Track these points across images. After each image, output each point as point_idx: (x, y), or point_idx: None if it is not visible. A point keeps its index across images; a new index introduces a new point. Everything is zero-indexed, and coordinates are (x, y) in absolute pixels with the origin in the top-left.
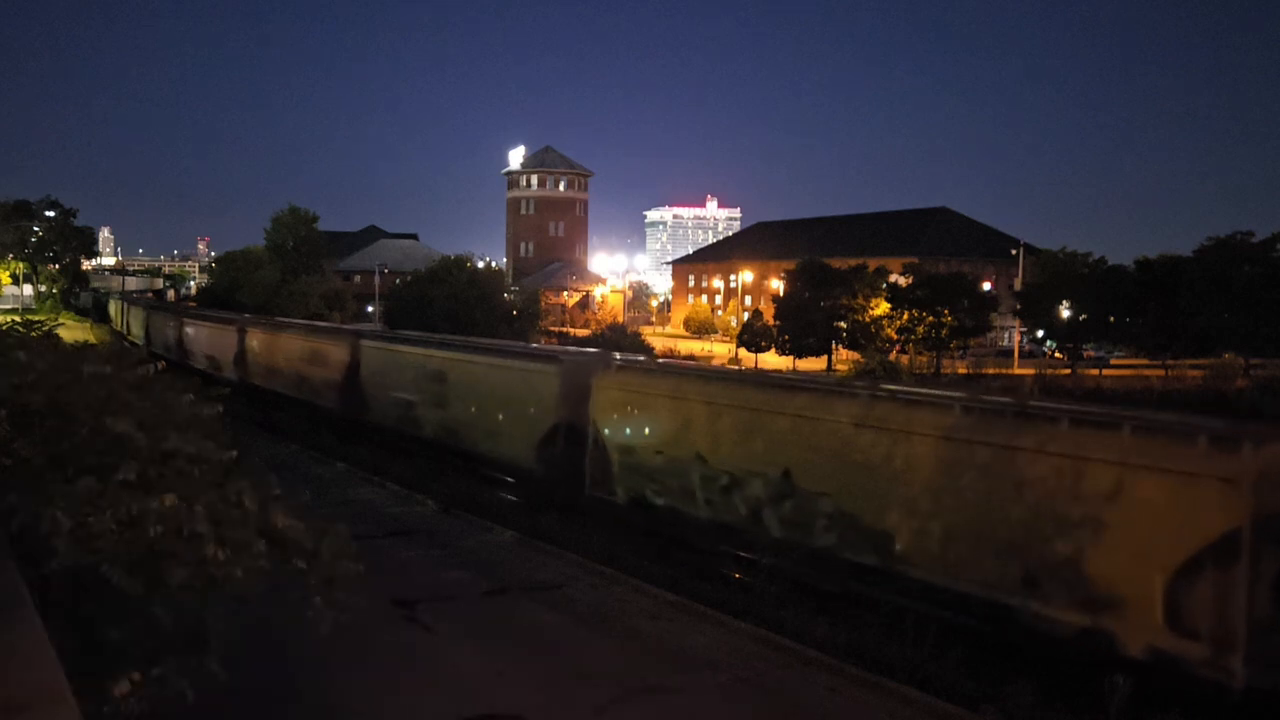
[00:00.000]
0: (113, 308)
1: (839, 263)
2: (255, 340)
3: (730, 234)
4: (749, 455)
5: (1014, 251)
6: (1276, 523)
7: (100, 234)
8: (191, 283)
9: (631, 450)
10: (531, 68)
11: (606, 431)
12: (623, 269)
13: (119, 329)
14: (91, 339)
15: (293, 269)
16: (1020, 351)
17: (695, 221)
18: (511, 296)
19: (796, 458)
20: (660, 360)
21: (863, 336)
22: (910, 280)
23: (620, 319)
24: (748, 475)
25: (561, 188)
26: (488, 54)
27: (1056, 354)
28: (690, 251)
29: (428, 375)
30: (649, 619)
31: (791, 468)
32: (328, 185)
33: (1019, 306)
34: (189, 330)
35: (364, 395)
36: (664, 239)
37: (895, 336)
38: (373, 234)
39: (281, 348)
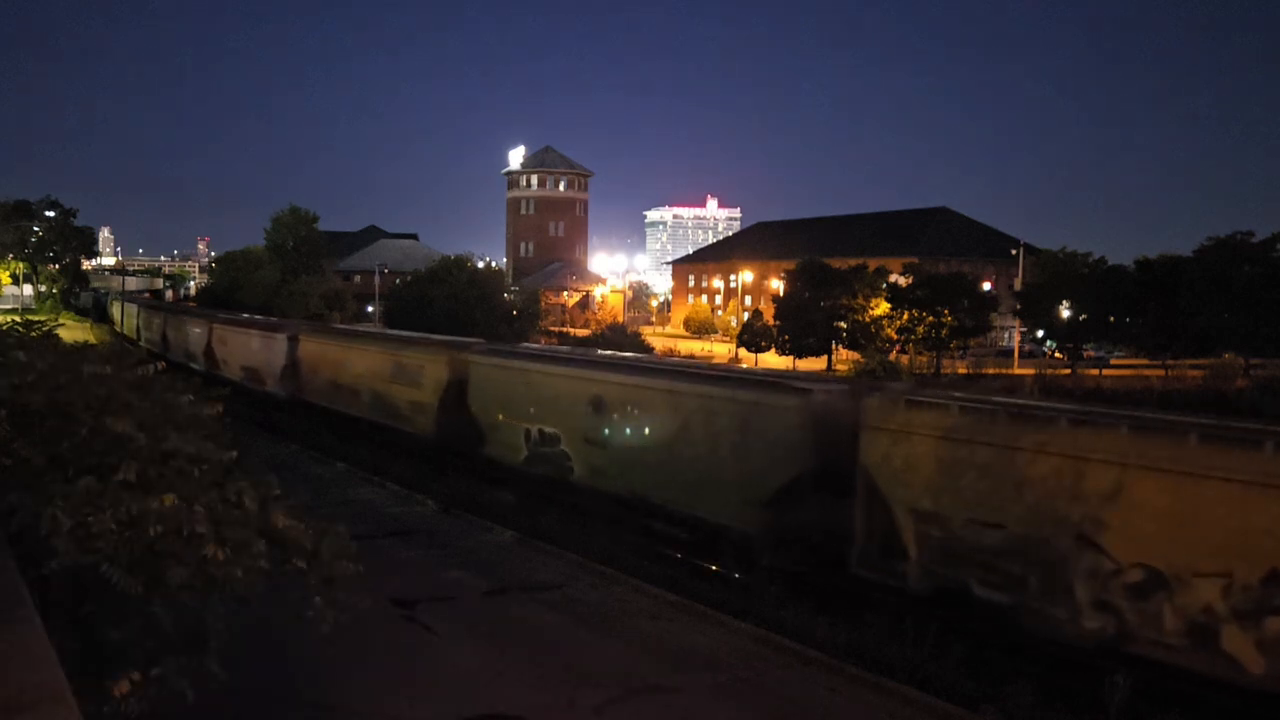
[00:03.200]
0: (115, 310)
1: (839, 263)
2: (312, 350)
3: (730, 234)
4: (1196, 547)
5: (1014, 251)
6: None
7: (100, 234)
8: (191, 283)
9: (939, 519)
10: (531, 68)
11: (891, 490)
12: (623, 269)
13: (125, 334)
14: (91, 339)
15: (293, 269)
16: (1020, 351)
17: (695, 221)
18: (511, 296)
19: None
20: (982, 396)
21: (863, 336)
22: (910, 280)
23: (620, 319)
24: (1193, 577)
25: (561, 188)
26: (488, 54)
27: (1056, 354)
28: (690, 251)
29: (579, 403)
30: (649, 619)
31: None
32: (328, 185)
33: (1019, 306)
34: (219, 336)
35: (476, 424)
36: (664, 239)
37: (895, 336)
38: (373, 234)
39: (350, 360)
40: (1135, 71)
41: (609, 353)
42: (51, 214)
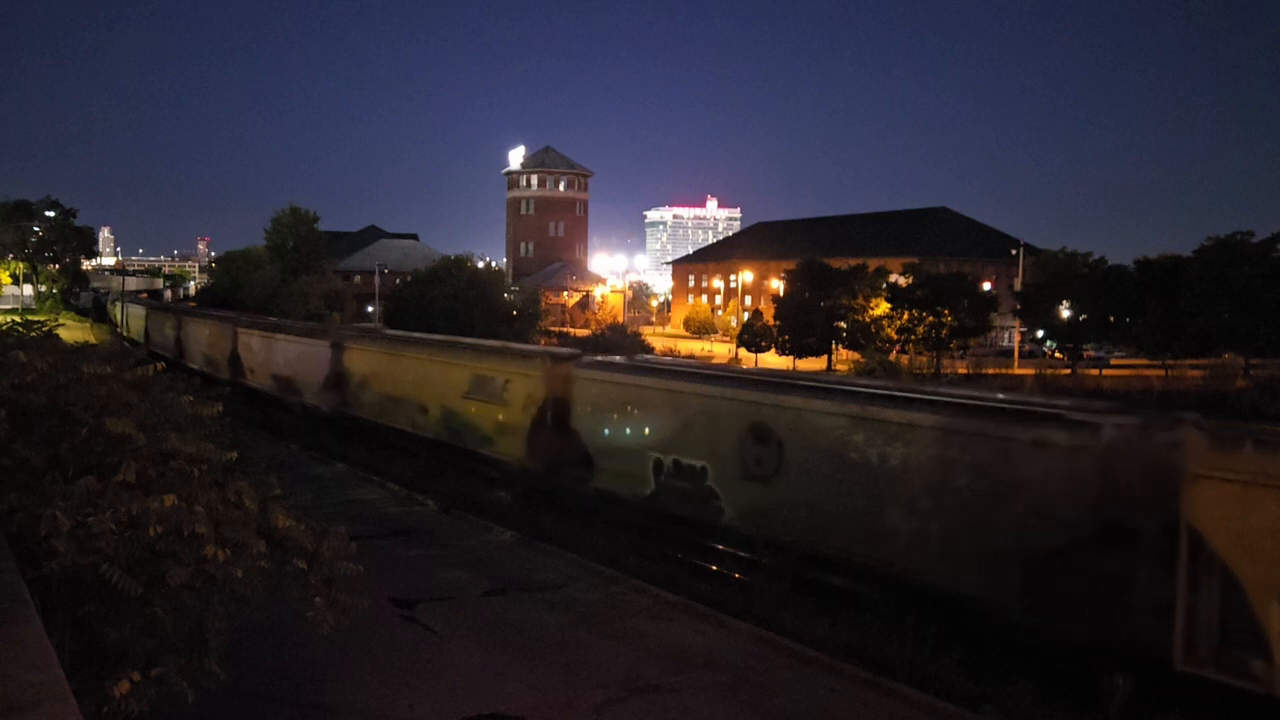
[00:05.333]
0: (117, 312)
1: (839, 263)
2: (362, 359)
3: (730, 234)
4: None
5: (1014, 251)
6: None
7: (100, 234)
8: (191, 283)
9: None
10: (531, 68)
11: (1240, 562)
12: (623, 269)
13: (131, 339)
14: (91, 339)
15: (293, 269)
16: (1020, 351)
17: (695, 221)
18: (511, 296)
19: None
20: None
21: (863, 336)
22: (910, 280)
23: (620, 319)
24: None
25: (561, 188)
26: (488, 54)
27: (1056, 354)
28: (690, 251)
29: (736, 430)
30: (649, 619)
31: None
32: (328, 186)
33: (1019, 306)
34: (246, 342)
35: (582, 449)
36: (664, 239)
37: (895, 336)
38: (373, 234)
39: (411, 372)
40: (1135, 71)
41: (775, 370)
42: (51, 214)
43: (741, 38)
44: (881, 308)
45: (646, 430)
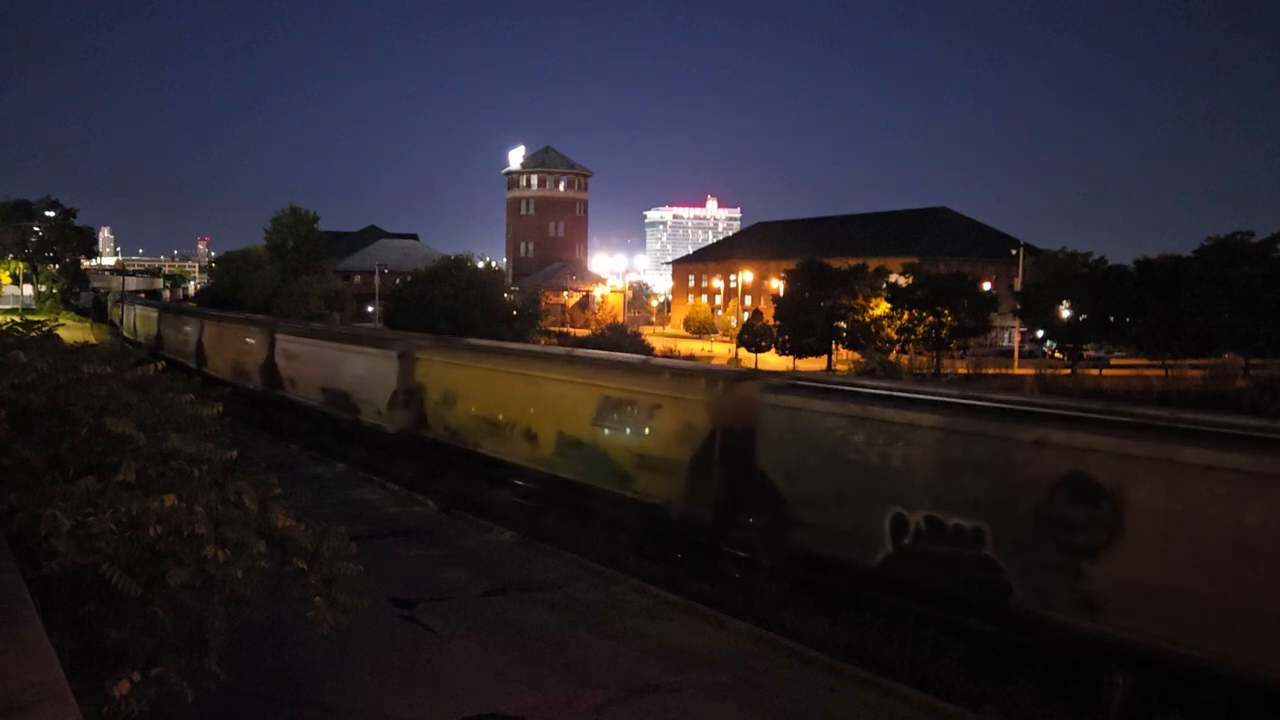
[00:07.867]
0: (120, 313)
1: (839, 263)
2: (442, 373)
3: (730, 234)
4: None
5: (1014, 251)
6: None
7: (100, 234)
8: (191, 283)
9: None
10: (531, 68)
11: None
12: (623, 269)
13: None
14: (91, 339)
15: (293, 269)
16: (1020, 351)
17: (695, 221)
18: (511, 296)
19: None
20: None
21: (863, 336)
22: (910, 280)
23: (620, 319)
24: None
25: (561, 188)
26: (488, 54)
27: (1056, 354)
28: (690, 251)
29: (1043, 484)
30: (649, 619)
31: None
32: (328, 186)
33: (1019, 306)
34: (286, 350)
35: (772, 493)
36: (664, 239)
37: (895, 336)
38: (373, 234)
39: (513, 390)
40: (1135, 71)
41: (1110, 405)
42: (51, 214)
43: (741, 38)
44: (881, 308)
45: (882, 476)
